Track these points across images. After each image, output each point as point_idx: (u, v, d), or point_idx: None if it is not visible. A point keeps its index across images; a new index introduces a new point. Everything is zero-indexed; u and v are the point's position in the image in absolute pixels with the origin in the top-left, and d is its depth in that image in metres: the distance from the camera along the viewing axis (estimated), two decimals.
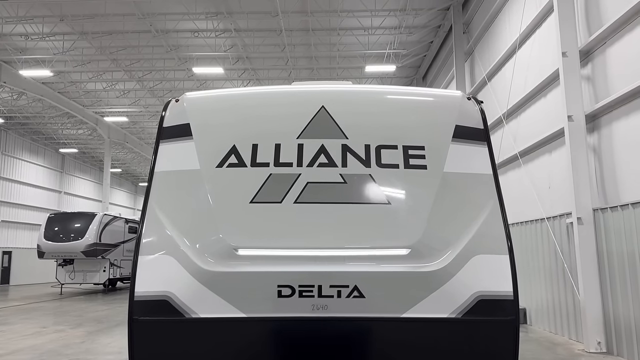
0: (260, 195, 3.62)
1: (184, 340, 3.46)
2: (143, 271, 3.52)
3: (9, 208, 33.03)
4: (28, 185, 34.95)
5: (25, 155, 34.85)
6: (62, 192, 38.98)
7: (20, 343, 10.56)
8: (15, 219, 33.56)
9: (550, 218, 11.22)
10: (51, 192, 37.72)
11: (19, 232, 33.86)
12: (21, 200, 34.24)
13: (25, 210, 34.54)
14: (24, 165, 34.65)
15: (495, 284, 3.46)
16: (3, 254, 32.15)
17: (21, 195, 34.33)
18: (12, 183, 33.40)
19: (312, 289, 3.38)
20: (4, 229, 32.64)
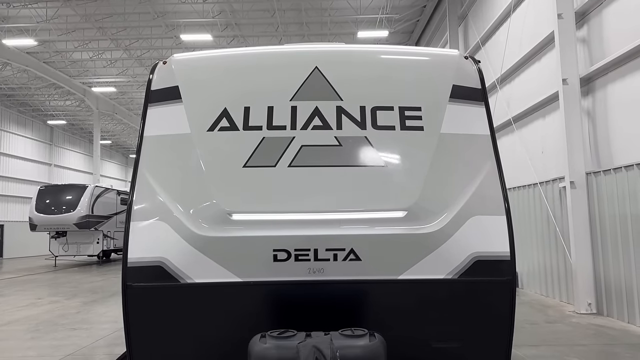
0: (253, 160, 3.53)
1: (179, 306, 3.42)
2: (135, 238, 3.45)
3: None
4: (17, 158, 34.51)
5: (13, 127, 34.29)
6: (52, 165, 38.58)
7: (15, 314, 10.58)
8: (5, 192, 33.27)
9: (543, 183, 11.25)
10: (41, 165, 37.31)
11: (10, 206, 33.62)
12: (11, 174, 33.87)
13: (15, 184, 34.21)
14: (11, 137, 34.12)
15: (492, 245, 3.43)
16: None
17: (10, 168, 33.93)
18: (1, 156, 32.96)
19: (308, 253, 3.34)
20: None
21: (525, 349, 6.76)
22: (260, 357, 2.81)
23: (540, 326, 8.37)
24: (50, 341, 7.87)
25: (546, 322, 8.66)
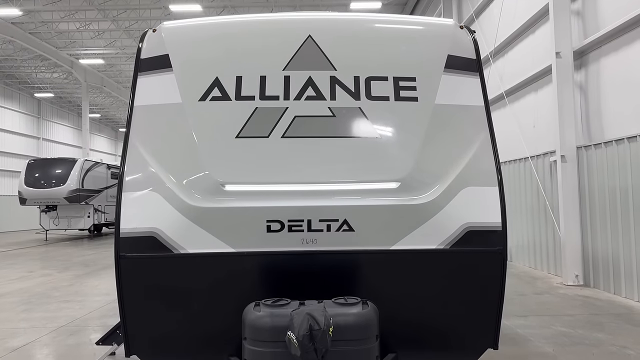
0: (246, 130, 3.49)
1: (173, 276, 3.42)
2: (128, 208, 3.42)
3: None
4: (4, 132, 34.01)
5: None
6: (40, 139, 38.11)
7: (7, 287, 10.58)
8: None
9: (534, 157, 11.31)
10: (29, 139, 36.82)
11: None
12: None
13: (3, 157, 33.80)
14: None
15: (484, 216, 3.45)
16: None
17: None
18: None
19: (302, 224, 3.34)
20: None
21: (514, 319, 6.90)
22: (254, 325, 2.83)
23: (529, 297, 8.53)
24: (43, 313, 7.90)
25: (534, 294, 8.82)
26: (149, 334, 3.53)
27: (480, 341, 3.63)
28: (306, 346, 2.53)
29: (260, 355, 2.80)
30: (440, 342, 3.60)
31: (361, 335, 2.80)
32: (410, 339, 3.60)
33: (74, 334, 6.59)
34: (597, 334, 6.14)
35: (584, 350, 5.52)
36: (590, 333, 6.19)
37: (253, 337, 2.83)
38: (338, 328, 2.75)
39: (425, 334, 3.58)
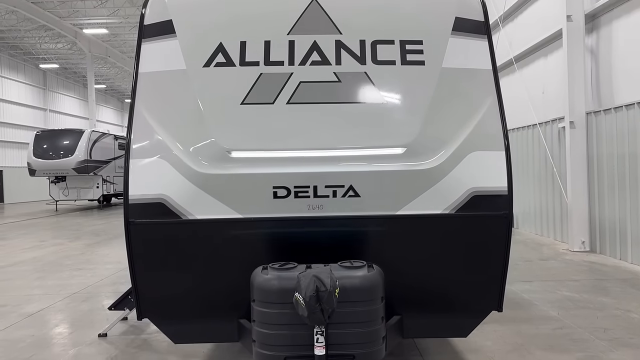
0: (251, 97, 3.48)
1: (182, 241, 3.47)
2: (136, 175, 3.45)
3: None
4: (11, 103, 34.08)
5: (5, 71, 33.63)
6: (47, 110, 38.17)
7: (20, 256, 10.79)
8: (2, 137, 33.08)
9: (542, 123, 11.20)
10: (36, 110, 36.90)
11: (8, 151, 33.53)
12: (6, 119, 33.56)
13: (11, 129, 33.96)
14: (4, 82, 33.55)
15: (490, 180, 3.45)
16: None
17: (5, 113, 33.58)
18: None
19: (308, 190, 3.36)
20: None
21: (519, 284, 6.97)
22: (262, 288, 2.88)
23: (534, 263, 8.59)
24: (56, 280, 8.08)
25: (540, 260, 8.88)
26: (159, 298, 3.60)
27: (485, 304, 3.69)
28: (313, 307, 2.58)
29: (268, 316, 2.86)
30: (445, 304, 3.66)
31: (366, 297, 2.85)
32: (416, 301, 3.65)
33: (86, 300, 6.75)
34: (602, 298, 6.20)
35: (588, 313, 5.59)
36: (595, 297, 6.26)
37: (261, 299, 2.88)
38: (344, 290, 2.80)
39: (431, 296, 3.64)
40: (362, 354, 2.84)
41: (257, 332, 2.90)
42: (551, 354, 4.41)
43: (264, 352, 2.89)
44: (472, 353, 4.48)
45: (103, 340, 5.11)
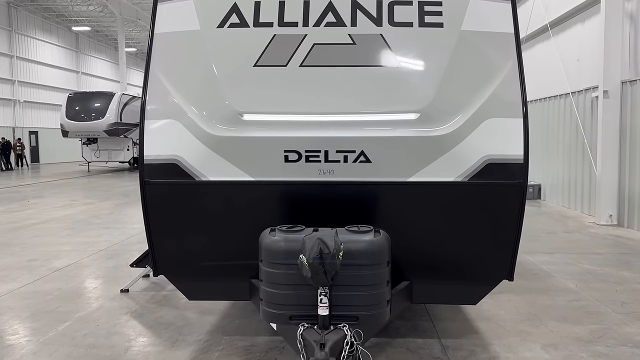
0: (264, 59, 3.45)
1: (195, 202, 3.54)
2: (150, 136, 3.51)
3: (29, 89, 33.21)
4: (45, 65, 34.73)
5: (39, 33, 34.17)
6: (79, 73, 38.80)
7: (53, 214, 11.21)
8: (36, 99, 33.90)
9: (575, 93, 10.81)
10: (69, 72, 37.55)
11: (42, 113, 34.39)
12: (40, 81, 34.30)
13: (45, 91, 34.72)
14: (38, 44, 34.14)
15: (506, 148, 3.37)
16: (30, 133, 33.04)
17: (40, 75, 34.30)
18: (29, 63, 33.19)
19: (319, 154, 3.35)
20: (28, 109, 33.16)
21: (539, 255, 6.89)
22: (269, 249, 2.93)
23: (558, 235, 8.46)
24: (85, 238, 8.39)
25: (564, 232, 8.74)
26: (173, 256, 3.71)
27: (496, 273, 3.67)
28: (316, 268, 2.62)
29: (274, 276, 2.92)
30: (455, 272, 3.66)
31: (372, 261, 2.87)
32: (425, 268, 3.66)
33: (112, 258, 7.00)
34: (624, 272, 6.09)
35: (607, 287, 5.51)
36: (616, 271, 6.15)
37: (268, 259, 2.94)
38: (349, 253, 2.82)
39: (440, 263, 3.64)
40: (366, 316, 2.88)
41: (264, 291, 2.97)
42: (564, 324, 4.39)
43: (271, 310, 2.96)
44: (483, 321, 4.49)
45: (125, 295, 5.31)
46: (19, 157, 29.61)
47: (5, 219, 10.47)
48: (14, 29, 31.57)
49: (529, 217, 10.09)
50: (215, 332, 4.28)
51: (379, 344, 3.99)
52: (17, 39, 31.85)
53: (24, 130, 32.29)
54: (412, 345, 3.98)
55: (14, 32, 31.58)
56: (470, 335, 4.18)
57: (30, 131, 33.07)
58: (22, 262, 6.73)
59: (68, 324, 4.49)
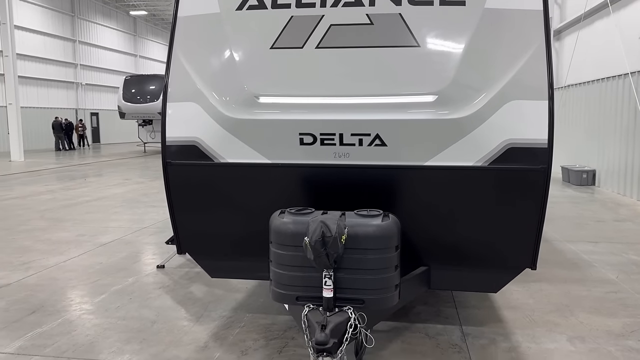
0: (280, 40, 3.44)
1: (214, 183, 3.63)
2: (172, 118, 3.61)
3: (90, 72, 34.78)
4: (105, 49, 36.19)
5: (99, 18, 35.57)
6: (137, 56, 40.18)
7: (105, 191, 11.79)
8: (97, 82, 35.46)
9: (635, 73, 10.13)
10: (127, 56, 38.97)
11: (103, 95, 35.96)
12: (101, 64, 35.82)
13: (105, 74, 36.23)
14: (99, 28, 35.57)
15: (529, 132, 3.22)
16: (91, 115, 34.70)
17: (100, 59, 35.81)
18: (90, 47, 34.71)
19: (334, 137, 3.33)
20: (89, 91, 34.77)
21: (582, 244, 6.59)
22: (277, 230, 2.97)
23: (607, 224, 8.04)
24: (131, 215, 8.78)
25: (614, 220, 8.29)
26: (195, 235, 3.83)
27: (517, 261, 3.55)
28: (318, 251, 2.63)
29: (281, 258, 2.96)
30: (474, 259, 3.57)
31: (379, 245, 2.85)
32: (443, 254, 3.60)
33: (154, 234, 7.30)
34: None
35: None
36: None
37: (276, 241, 2.98)
38: (356, 237, 2.81)
39: (459, 250, 3.56)
40: (372, 300, 2.87)
41: (273, 271, 3.02)
42: (596, 317, 4.20)
43: (278, 290, 3.01)
44: (510, 309, 4.37)
45: (160, 271, 5.54)
46: (81, 138, 31.16)
47: (62, 196, 11.11)
48: (77, 14, 33.03)
49: (578, 205, 9.66)
50: (240, 309, 4.41)
51: (397, 328, 3.98)
52: (79, 24, 33.32)
53: (86, 112, 33.94)
54: (431, 331, 3.94)
55: (77, 18, 33.05)
56: (494, 324, 4.09)
57: (92, 113, 34.71)
58: (72, 237, 7.15)
59: (104, 296, 4.75)
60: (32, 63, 29.30)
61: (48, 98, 30.99)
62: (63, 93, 32.27)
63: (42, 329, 3.98)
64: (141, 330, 3.97)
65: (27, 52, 28.56)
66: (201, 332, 3.94)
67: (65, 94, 32.41)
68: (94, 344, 3.72)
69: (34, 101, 29.60)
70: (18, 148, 21.09)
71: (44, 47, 30.47)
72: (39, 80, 29.89)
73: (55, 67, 31.42)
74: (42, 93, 30.45)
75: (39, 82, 29.99)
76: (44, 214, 8.98)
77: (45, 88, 30.71)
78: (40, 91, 30.19)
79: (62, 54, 31.95)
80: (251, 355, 3.55)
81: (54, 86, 31.42)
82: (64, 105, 32.17)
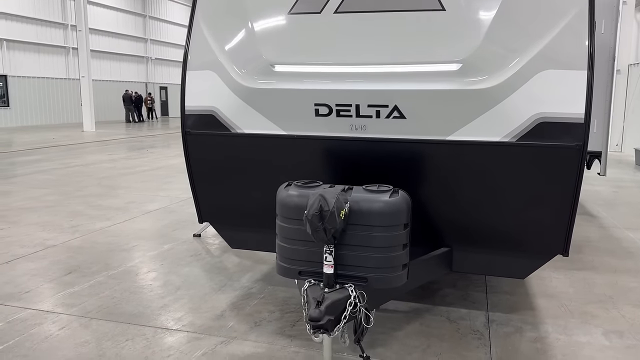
0: (299, 5, 3.30)
1: (232, 154, 3.59)
2: (190, 86, 3.58)
3: (160, 46, 36.00)
4: (175, 24, 37.26)
5: None
6: None
7: (162, 162, 12.23)
8: (166, 56, 36.67)
9: None
10: None
11: (172, 69, 37.19)
12: (169, 39, 36.95)
13: (174, 49, 37.38)
14: (168, 4, 36.63)
15: (563, 105, 2.91)
16: (160, 89, 36.05)
17: (169, 34, 36.94)
18: (159, 22, 35.85)
19: (350, 109, 3.18)
20: (158, 66, 36.05)
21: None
22: (282, 202, 2.89)
23: None
24: (181, 185, 9.03)
25: None
26: (214, 204, 3.84)
27: (547, 246, 3.29)
28: (315, 225, 2.53)
29: (285, 231, 2.88)
30: (499, 242, 3.34)
31: (384, 222, 2.70)
32: (466, 235, 3.40)
33: None
34: None
35: None
36: None
37: (280, 213, 2.91)
38: (360, 213, 2.68)
39: (483, 232, 3.34)
40: (376, 278, 2.74)
41: (277, 244, 2.96)
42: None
43: (282, 264, 2.95)
44: (545, 297, 4.09)
45: (196, 239, 5.67)
46: (150, 111, 32.51)
47: (122, 165, 11.64)
48: None
49: None
50: (263, 280, 4.42)
51: (417, 309, 3.83)
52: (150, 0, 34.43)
53: (155, 86, 35.29)
54: (454, 315, 3.76)
55: None
56: (524, 311, 3.83)
57: (161, 86, 36.06)
58: (121, 204, 7.46)
59: (137, 261, 4.92)
60: (105, 38, 30.72)
61: (120, 71, 32.48)
62: (134, 67, 33.66)
63: (74, 289, 4.18)
64: (164, 296, 4.07)
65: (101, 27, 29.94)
66: (221, 301, 3.98)
67: (136, 67, 33.80)
68: (117, 306, 3.85)
69: (107, 74, 31.12)
70: (90, 119, 22.32)
71: (117, 22, 31.81)
72: (111, 55, 31.36)
73: (127, 41, 32.79)
74: (115, 67, 31.95)
75: (112, 56, 31.46)
76: (102, 181, 9.44)
77: (117, 62, 32.17)
78: (112, 65, 31.68)
79: (133, 28, 33.23)
80: (264, 326, 3.54)
81: (125, 60, 32.84)
82: (135, 79, 33.60)
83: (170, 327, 3.51)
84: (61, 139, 18.28)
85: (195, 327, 3.51)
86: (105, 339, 3.32)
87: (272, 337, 3.38)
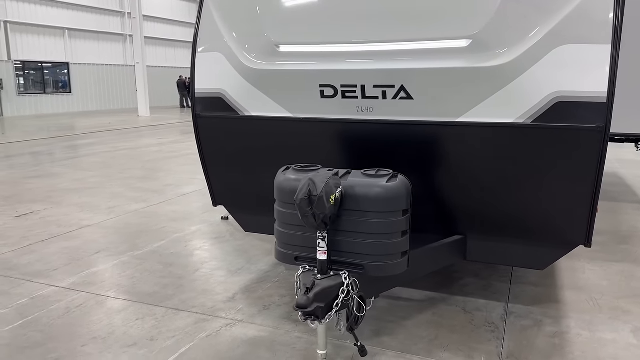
0: None
1: (241, 136, 3.56)
2: (200, 69, 3.57)
3: None
4: None
5: None
6: None
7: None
8: None
9: None
10: None
11: None
12: None
13: None
14: None
15: (582, 83, 2.66)
16: None
17: None
18: None
19: (355, 89, 3.05)
20: None
21: None
22: (278, 186, 2.84)
23: None
24: None
25: None
26: (227, 188, 3.84)
27: (568, 236, 3.06)
28: (304, 210, 2.45)
29: (282, 216, 2.83)
30: (515, 231, 3.15)
31: (381, 208, 2.58)
32: (480, 223, 3.23)
33: None
34: None
35: None
36: None
37: (278, 198, 2.86)
38: (355, 198, 2.58)
39: (498, 220, 3.16)
40: (372, 266, 2.64)
41: (276, 229, 2.91)
42: None
43: (279, 249, 2.91)
44: (574, 290, 3.84)
45: (223, 222, 5.74)
46: None
47: (167, 149, 11.97)
48: None
49: None
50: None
51: (433, 298, 3.69)
52: None
53: None
54: (470, 305, 3.60)
55: None
56: (547, 304, 3.61)
57: None
58: (159, 186, 7.67)
59: (163, 242, 5.03)
60: (160, 25, 31.56)
61: (175, 58, 33.33)
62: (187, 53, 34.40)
63: (97, 268, 4.33)
64: (181, 277, 4.14)
65: (156, 14, 30.76)
66: (235, 284, 4.00)
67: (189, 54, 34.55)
68: (135, 286, 3.95)
69: (162, 60, 32.02)
70: (145, 104, 23.09)
71: (172, 9, 32.57)
72: (166, 41, 32.19)
73: (181, 28, 33.53)
74: (170, 53, 32.81)
75: (166, 43, 32.30)
76: (145, 164, 9.74)
77: (172, 48, 33.01)
78: (167, 51, 32.54)
79: (187, 15, 33.91)
80: (272, 310, 3.53)
81: (180, 46, 33.63)
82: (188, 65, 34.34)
83: (181, 309, 3.56)
84: (117, 124, 19.04)
85: (205, 309, 3.55)
86: (117, 317, 3.41)
87: (278, 321, 3.36)
